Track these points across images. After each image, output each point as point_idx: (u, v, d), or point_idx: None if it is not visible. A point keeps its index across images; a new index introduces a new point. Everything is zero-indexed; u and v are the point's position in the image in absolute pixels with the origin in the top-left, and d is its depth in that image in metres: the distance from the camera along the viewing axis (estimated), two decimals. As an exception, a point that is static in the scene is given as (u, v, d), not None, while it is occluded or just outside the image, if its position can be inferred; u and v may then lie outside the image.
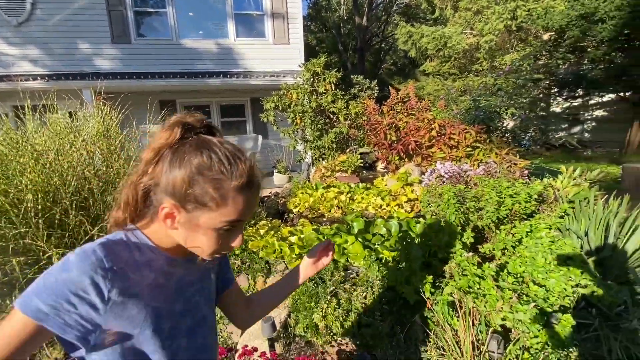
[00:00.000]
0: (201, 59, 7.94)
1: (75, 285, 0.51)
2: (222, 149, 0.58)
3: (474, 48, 11.97)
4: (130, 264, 0.58)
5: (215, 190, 0.56)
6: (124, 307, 0.56)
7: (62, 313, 0.51)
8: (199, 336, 0.70)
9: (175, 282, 0.66)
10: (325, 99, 5.03)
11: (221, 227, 0.59)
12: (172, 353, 0.64)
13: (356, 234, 2.26)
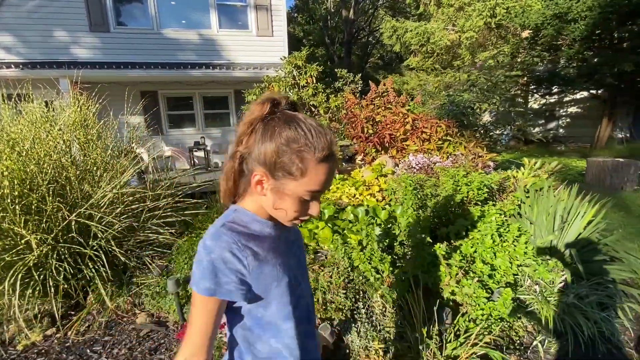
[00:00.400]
0: (183, 49, 7.86)
1: (222, 261, 0.65)
2: (306, 124, 0.65)
3: (456, 44, 12.23)
4: (248, 235, 0.70)
5: (300, 161, 0.63)
6: (260, 270, 0.70)
7: (224, 283, 0.65)
8: (307, 281, 0.86)
9: (284, 243, 0.78)
10: (306, 92, 5.13)
11: (303, 196, 0.66)
12: (298, 296, 0.79)
13: (326, 220, 2.41)
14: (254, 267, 0.69)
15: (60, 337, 2.18)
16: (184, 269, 2.35)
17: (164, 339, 2.14)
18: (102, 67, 6.93)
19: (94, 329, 2.24)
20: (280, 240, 0.77)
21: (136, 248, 2.50)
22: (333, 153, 0.67)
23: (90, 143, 2.39)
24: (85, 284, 2.35)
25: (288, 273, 0.76)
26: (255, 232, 0.72)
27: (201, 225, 2.78)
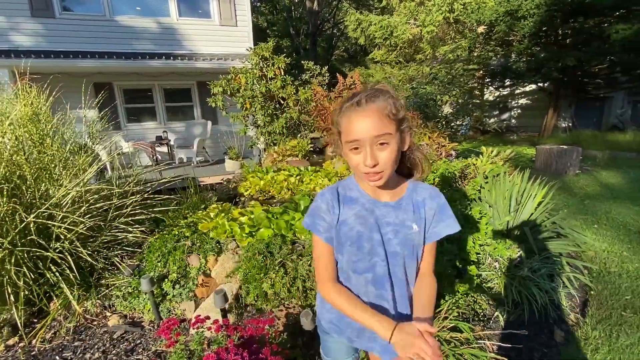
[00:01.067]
0: (140, 38, 7.40)
1: (319, 209, 0.92)
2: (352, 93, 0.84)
3: (417, 38, 12.63)
4: (344, 197, 0.92)
5: (340, 118, 0.83)
6: (340, 227, 0.90)
7: (316, 223, 0.91)
8: (392, 264, 0.91)
9: (375, 218, 0.90)
10: (275, 84, 5.08)
11: (348, 148, 0.81)
12: (371, 265, 0.91)
13: (302, 211, 2.45)
14: (336, 223, 0.90)
15: (24, 345, 2.04)
16: (157, 267, 2.28)
17: (140, 339, 2.08)
18: (48, 57, 6.35)
19: (61, 335, 2.12)
20: (371, 214, 0.90)
21: (103, 248, 2.38)
22: (358, 103, 0.79)
23: (45, 139, 2.21)
24: (48, 289, 2.21)
25: (363, 243, 0.90)
26: (351, 197, 0.92)
27: (172, 221, 2.70)
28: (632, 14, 9.02)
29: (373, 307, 0.90)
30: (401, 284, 0.93)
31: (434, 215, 0.91)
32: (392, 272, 0.92)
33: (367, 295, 0.94)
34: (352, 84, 5.26)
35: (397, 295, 0.93)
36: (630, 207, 4.32)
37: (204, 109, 8.76)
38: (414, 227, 0.90)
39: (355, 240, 0.89)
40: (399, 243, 0.90)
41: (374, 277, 0.91)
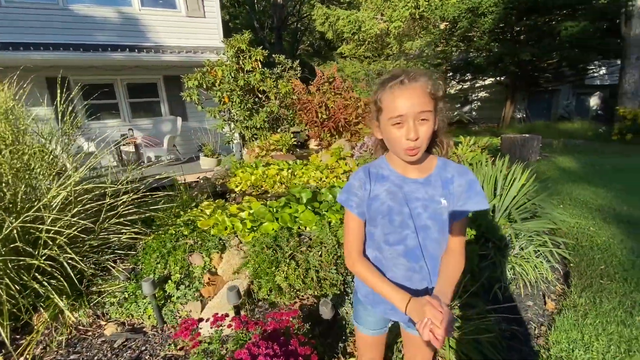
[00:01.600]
0: (100, 29, 6.86)
1: (352, 186, 0.99)
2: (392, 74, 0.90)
3: (384, 33, 12.88)
4: (376, 175, 0.99)
5: (383, 96, 0.88)
6: (372, 202, 0.97)
7: (349, 199, 0.99)
8: (422, 238, 0.96)
9: (404, 194, 0.95)
10: (254, 77, 4.95)
11: (391, 123, 0.86)
12: (402, 238, 0.96)
13: (305, 203, 2.43)
14: (368, 198, 0.98)
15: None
16: (157, 268, 2.16)
17: (144, 345, 1.96)
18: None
19: (53, 350, 1.95)
20: (401, 190, 0.96)
21: (93, 253, 2.21)
22: (401, 82, 0.84)
23: (21, 136, 1.99)
24: (32, 300, 2.01)
25: (394, 217, 0.96)
26: (383, 175, 0.99)
27: (165, 221, 2.57)
28: (577, 12, 9.87)
29: (405, 279, 0.98)
30: (432, 257, 0.97)
31: (463, 192, 0.94)
32: (422, 245, 0.96)
33: (398, 267, 0.99)
34: (331, 77, 5.28)
35: (429, 268, 0.97)
36: (587, 188, 4.77)
37: (172, 105, 8.35)
38: (443, 202, 0.93)
39: (386, 214, 0.95)
40: (429, 217, 0.94)
41: (406, 249, 0.97)
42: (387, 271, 1.01)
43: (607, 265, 2.62)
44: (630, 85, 9.66)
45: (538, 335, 1.96)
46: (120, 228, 2.22)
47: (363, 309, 1.13)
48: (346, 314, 1.94)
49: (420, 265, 0.97)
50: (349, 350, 1.81)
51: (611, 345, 1.80)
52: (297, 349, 1.46)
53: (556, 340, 1.86)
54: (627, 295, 2.23)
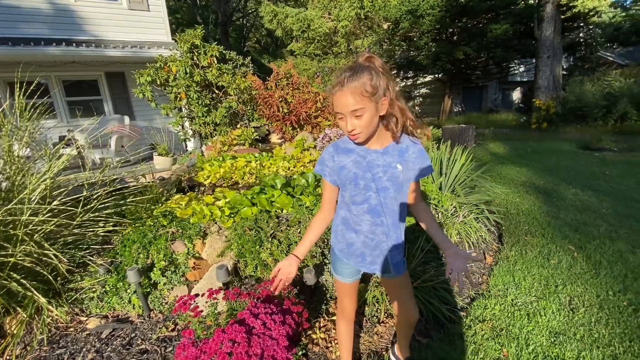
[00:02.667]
0: (28, 21, 6.24)
1: (324, 158, 1.24)
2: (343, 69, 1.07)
3: (333, 32, 13.31)
4: (342, 149, 1.21)
5: (332, 97, 1.08)
6: (340, 170, 1.20)
7: (323, 169, 1.25)
8: (383, 197, 1.18)
9: (367, 162, 1.17)
10: (211, 72, 4.95)
11: (337, 117, 1.09)
12: (366, 198, 1.19)
13: (280, 188, 2.62)
14: (337, 167, 1.21)
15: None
16: (139, 258, 2.20)
17: (134, 332, 2.01)
18: None
19: (34, 349, 1.91)
20: (364, 159, 1.17)
21: (67, 248, 2.18)
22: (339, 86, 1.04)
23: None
24: (6, 301, 1.94)
25: (359, 181, 1.18)
26: (348, 148, 1.21)
27: (139, 214, 2.58)
28: (499, 16, 11.19)
29: (370, 232, 1.23)
30: (392, 213, 1.20)
31: (416, 159, 1.17)
32: (384, 203, 1.18)
33: (364, 222, 1.21)
34: (288, 72, 5.45)
35: (389, 222, 1.20)
36: (513, 168, 5.58)
37: (117, 103, 7.87)
38: (399, 167, 1.15)
39: (352, 179, 1.17)
40: (387, 180, 1.16)
41: (369, 207, 1.19)
42: (355, 225, 1.24)
43: (530, 225, 3.21)
44: (544, 80, 11.24)
45: (481, 282, 2.39)
46: (94, 223, 2.21)
47: (339, 262, 1.35)
48: (326, 281, 2.19)
49: (381, 219, 1.19)
50: (331, 311, 2.06)
51: (534, 282, 2.28)
52: (290, 307, 1.68)
53: (494, 283, 2.30)
54: (545, 246, 2.79)
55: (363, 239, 1.24)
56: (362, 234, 1.23)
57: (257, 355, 1.34)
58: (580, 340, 1.74)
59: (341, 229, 1.30)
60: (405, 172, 1.17)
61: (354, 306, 1.47)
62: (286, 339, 1.47)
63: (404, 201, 1.22)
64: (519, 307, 2.03)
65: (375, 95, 1.04)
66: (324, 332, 1.90)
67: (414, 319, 1.41)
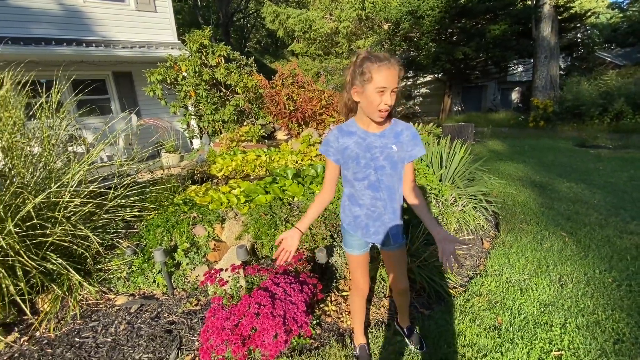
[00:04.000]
0: (39, 21, 6.41)
1: (329, 140, 1.36)
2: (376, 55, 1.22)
3: (334, 32, 13.51)
4: (345, 132, 1.34)
5: (373, 70, 1.17)
6: (344, 150, 1.34)
7: (327, 150, 1.37)
8: (380, 174, 1.33)
9: (367, 144, 1.32)
10: (219, 71, 5.13)
11: (376, 91, 1.17)
12: (366, 175, 1.34)
13: (292, 178, 2.81)
14: (342, 148, 1.35)
15: (29, 339, 1.97)
16: (163, 241, 2.39)
17: (160, 307, 2.19)
18: None
19: (68, 322, 2.09)
20: (364, 141, 1.33)
21: (97, 233, 2.36)
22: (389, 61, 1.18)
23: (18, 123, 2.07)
24: (42, 280, 2.12)
25: (360, 160, 1.34)
26: (351, 131, 1.35)
27: (160, 202, 2.76)
28: (498, 17, 11.39)
29: (371, 205, 1.39)
30: (388, 188, 1.36)
31: (410, 141, 1.33)
32: (381, 180, 1.34)
33: (366, 197, 1.38)
34: (293, 71, 5.65)
35: (386, 196, 1.37)
36: (510, 164, 5.77)
37: (124, 102, 8.03)
38: (394, 148, 1.31)
39: (354, 158, 1.33)
40: (384, 159, 1.32)
41: (369, 183, 1.35)
42: (359, 200, 1.40)
43: (525, 215, 3.40)
44: (541, 80, 11.44)
45: (479, 264, 2.58)
46: (121, 209, 2.40)
47: (349, 235, 1.51)
48: (335, 261, 2.37)
49: (380, 194, 1.36)
50: (340, 287, 2.25)
51: (527, 263, 2.47)
52: (306, 279, 1.86)
53: (491, 265, 2.49)
54: (538, 232, 2.98)
55: (366, 211, 1.41)
56: (365, 207, 1.41)
57: (280, 315, 1.53)
58: (567, 310, 1.92)
59: (348, 205, 1.47)
60: (400, 153, 1.32)
61: (366, 280, 1.62)
62: (304, 305, 1.66)
63: (399, 178, 1.38)
64: (512, 284, 2.21)
65: (400, 82, 1.25)
66: (335, 305, 2.09)
67: (403, 287, 1.59)
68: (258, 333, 1.49)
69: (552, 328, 1.79)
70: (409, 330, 1.77)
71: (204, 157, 4.96)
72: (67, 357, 1.84)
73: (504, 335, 1.76)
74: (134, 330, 2.01)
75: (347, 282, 2.27)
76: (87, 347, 1.91)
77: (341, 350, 1.71)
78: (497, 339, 1.73)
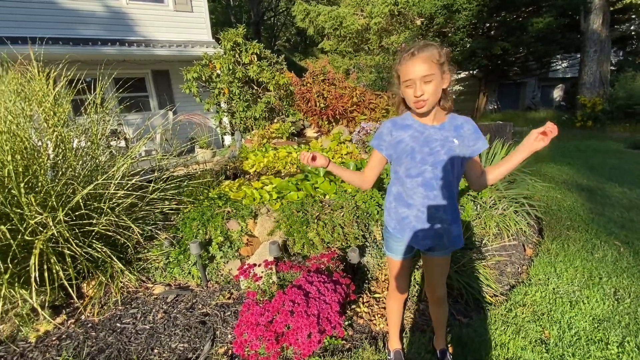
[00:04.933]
0: (86, 22, 6.83)
1: (381, 133, 1.33)
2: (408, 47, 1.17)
3: (365, 29, 13.31)
4: (399, 125, 1.30)
5: (399, 66, 1.17)
6: (397, 144, 1.28)
7: (379, 144, 1.33)
8: (438, 170, 1.24)
9: (425, 137, 1.25)
10: (252, 69, 5.20)
11: (404, 86, 1.17)
12: (421, 171, 1.25)
13: (323, 175, 2.78)
14: (395, 142, 1.29)
15: (75, 321, 2.09)
16: (199, 234, 2.45)
17: (194, 298, 2.25)
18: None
19: (110, 308, 2.20)
20: (421, 135, 1.25)
21: (138, 223, 2.46)
22: (412, 53, 1.13)
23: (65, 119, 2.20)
24: (87, 266, 2.24)
25: (416, 154, 1.25)
26: (406, 123, 1.30)
27: (196, 196, 2.84)
28: (542, 9, 10.70)
29: (422, 205, 1.28)
30: (448, 185, 1.25)
31: (471, 134, 1.24)
32: (437, 176, 1.23)
33: (417, 195, 1.27)
34: (324, 68, 5.61)
35: (442, 195, 1.25)
36: (553, 166, 5.40)
37: (161, 100, 8.39)
38: (455, 141, 1.22)
39: (409, 153, 1.25)
40: (445, 153, 1.22)
41: (423, 180, 1.25)
42: (408, 199, 1.30)
43: (572, 221, 3.16)
44: (589, 76, 10.62)
45: (521, 272, 2.42)
46: (160, 202, 2.48)
47: (393, 239, 1.41)
48: (367, 262, 2.32)
49: (435, 194, 1.25)
50: (372, 289, 2.19)
51: (577, 274, 2.28)
52: (339, 279, 1.83)
53: (535, 273, 2.32)
54: (588, 241, 2.75)
55: (415, 212, 1.29)
56: (415, 207, 1.29)
57: (314, 315, 1.50)
58: (625, 327, 1.75)
59: (394, 206, 1.36)
60: (461, 147, 1.23)
61: (406, 285, 1.54)
62: (337, 305, 1.63)
63: (457, 176, 1.27)
64: (560, 295, 2.05)
65: (442, 65, 1.14)
66: (367, 307, 2.04)
67: (440, 295, 1.48)
68: (292, 331, 1.48)
69: (607, 346, 1.63)
70: (442, 353, 1.63)
71: (235, 154, 5.06)
72: (109, 341, 1.93)
73: (552, 350, 1.63)
74: (171, 319, 2.07)
75: (379, 283, 2.21)
76: (127, 332, 1.99)
77: (374, 354, 1.66)
78: (545, 354, 1.61)
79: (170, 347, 1.86)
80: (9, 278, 1.78)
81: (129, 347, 1.88)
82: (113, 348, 1.87)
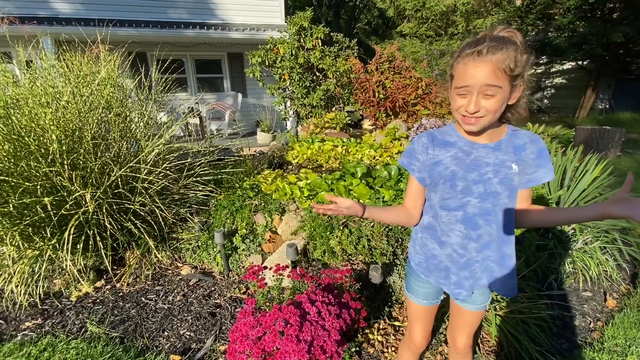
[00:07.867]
0: (174, 7, 7.41)
1: (414, 150, 1.02)
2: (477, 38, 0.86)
3: (451, 10, 12.02)
4: (440, 141, 0.99)
5: (457, 63, 0.86)
6: (434, 167, 0.98)
7: (411, 163, 1.03)
8: (488, 203, 0.95)
9: (472, 159, 0.95)
10: (314, 54, 5.05)
11: (456, 93, 0.87)
12: (462, 204, 0.97)
13: (360, 178, 2.54)
14: (431, 162, 0.99)
15: (110, 288, 2.29)
16: (226, 223, 2.45)
17: (213, 286, 2.28)
18: (88, 24, 6.47)
19: (141, 281, 2.35)
20: (468, 156, 0.95)
21: (174, 205, 2.56)
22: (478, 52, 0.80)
23: (124, 101, 2.35)
24: (128, 239, 2.42)
25: (457, 181, 0.96)
26: (449, 141, 0.98)
27: (232, 184, 2.86)
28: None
29: (460, 247, 0.99)
30: (503, 224, 0.95)
31: (535, 159, 0.93)
32: (492, 211, 0.94)
33: (454, 233, 0.99)
34: (391, 55, 5.17)
35: (489, 236, 0.96)
36: (676, 190, 4.21)
37: (234, 81, 8.81)
38: (514, 167, 0.92)
39: (448, 179, 0.95)
40: (499, 182, 0.92)
41: (464, 215, 0.96)
42: (442, 236, 1.01)
43: (687, 271, 2.39)
44: None
45: (593, 329, 1.90)
46: (196, 186, 2.54)
47: (416, 278, 1.14)
48: (393, 282, 2.06)
49: (479, 234, 0.96)
50: (394, 315, 1.94)
51: (679, 349, 1.70)
52: (349, 302, 1.62)
53: (612, 335, 1.79)
54: None
55: (450, 252, 1.01)
56: (449, 247, 1.01)
57: (306, 341, 1.35)
58: None
59: (421, 238, 1.09)
60: (521, 175, 0.93)
61: (425, 335, 1.24)
62: (338, 334, 1.44)
63: (514, 209, 0.97)
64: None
65: (515, 77, 0.83)
66: (382, 335, 1.80)
67: (464, 347, 1.19)
68: (280, 353, 1.35)
69: None
70: None
71: (288, 140, 5.05)
72: (131, 313, 2.06)
73: None
74: (187, 304, 2.13)
75: (403, 311, 1.94)
76: (148, 308, 2.10)
77: (374, 397, 1.45)
78: None
79: (179, 333, 1.90)
80: (55, 243, 2.00)
81: (146, 323, 1.98)
82: (132, 321, 1.99)
